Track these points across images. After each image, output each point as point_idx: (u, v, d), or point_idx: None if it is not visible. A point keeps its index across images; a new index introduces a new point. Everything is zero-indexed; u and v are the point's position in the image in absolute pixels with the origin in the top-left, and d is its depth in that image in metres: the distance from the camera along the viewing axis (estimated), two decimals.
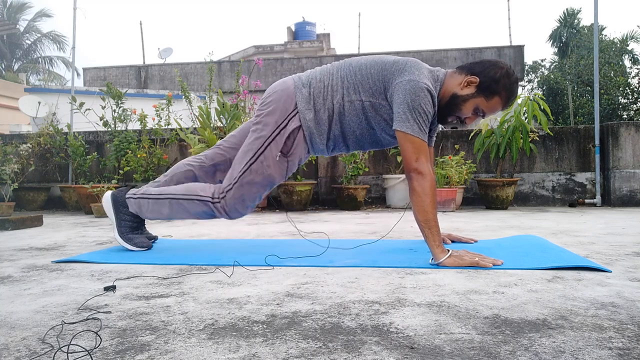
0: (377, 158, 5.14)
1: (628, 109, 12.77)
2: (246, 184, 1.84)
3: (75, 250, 2.14)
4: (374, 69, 1.76)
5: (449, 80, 1.76)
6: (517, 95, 1.78)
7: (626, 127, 4.83)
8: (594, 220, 3.33)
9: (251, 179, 1.84)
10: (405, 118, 1.66)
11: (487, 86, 1.71)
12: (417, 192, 1.65)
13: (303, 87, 1.83)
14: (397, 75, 1.71)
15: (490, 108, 1.75)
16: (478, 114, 1.77)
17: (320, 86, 1.82)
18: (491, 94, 1.72)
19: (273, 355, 0.85)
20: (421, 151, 1.66)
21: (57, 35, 22.92)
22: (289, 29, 18.49)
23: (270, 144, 1.82)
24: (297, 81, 1.86)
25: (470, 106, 1.74)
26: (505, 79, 1.71)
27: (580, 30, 18.81)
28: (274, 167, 1.83)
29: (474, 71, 1.73)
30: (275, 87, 1.89)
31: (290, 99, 1.82)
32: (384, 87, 1.74)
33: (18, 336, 0.97)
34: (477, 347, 0.88)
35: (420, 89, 1.66)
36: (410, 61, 1.75)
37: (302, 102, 1.81)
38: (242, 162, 1.85)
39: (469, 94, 1.73)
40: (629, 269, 1.57)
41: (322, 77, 1.84)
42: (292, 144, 1.83)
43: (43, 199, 5.28)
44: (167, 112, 5.17)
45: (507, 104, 1.76)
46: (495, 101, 1.73)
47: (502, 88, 1.71)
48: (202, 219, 2.01)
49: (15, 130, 9.13)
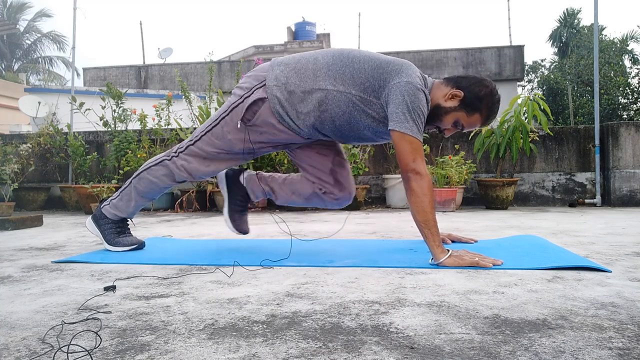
0: (377, 158, 5.14)
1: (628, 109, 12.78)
2: (206, 144, 1.89)
3: (75, 250, 2.14)
4: (368, 65, 1.74)
5: (435, 90, 1.78)
6: (495, 116, 1.82)
7: (626, 127, 4.83)
8: (594, 220, 3.33)
9: (210, 139, 1.89)
10: (404, 119, 1.65)
11: (470, 102, 1.73)
12: (415, 192, 1.64)
13: (277, 66, 1.82)
14: (394, 76, 1.70)
15: (469, 123, 1.78)
16: (457, 127, 1.79)
17: (298, 67, 1.79)
18: (473, 110, 1.74)
19: (273, 355, 0.85)
20: (418, 152, 1.67)
21: (57, 35, 22.94)
22: (289, 29, 18.49)
23: (232, 111, 1.84)
24: (273, 61, 1.87)
25: (451, 119, 1.76)
26: (489, 97, 1.74)
27: (580, 30, 18.82)
28: (234, 133, 1.85)
29: (460, 85, 1.75)
30: (256, 67, 1.92)
31: (262, 74, 1.83)
32: (379, 85, 1.72)
33: (18, 336, 0.97)
34: (477, 347, 0.88)
35: (418, 91, 1.67)
36: (405, 63, 1.76)
37: (271, 78, 1.79)
38: (205, 124, 1.93)
39: (451, 107, 1.75)
40: (629, 269, 1.57)
41: (303, 59, 1.82)
42: (254, 114, 1.81)
43: (43, 199, 5.28)
44: (167, 112, 5.17)
45: (486, 122, 1.80)
46: (475, 118, 1.76)
47: (484, 106, 1.74)
48: (167, 187, 2.03)
49: (15, 130, 9.13)
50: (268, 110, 1.79)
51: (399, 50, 11.89)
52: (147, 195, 2.04)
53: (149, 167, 2.00)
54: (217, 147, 1.89)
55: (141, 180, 2.00)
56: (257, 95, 1.79)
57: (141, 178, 2.00)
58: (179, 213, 4.52)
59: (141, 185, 2.01)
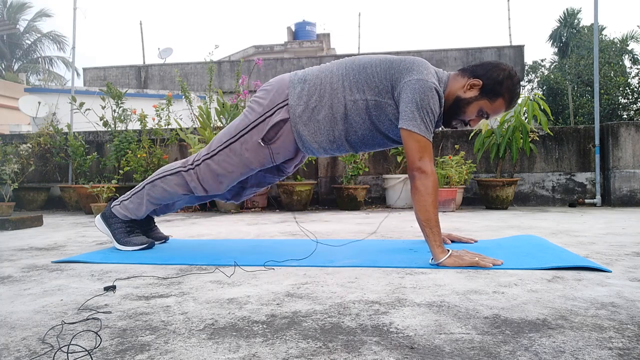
0: (377, 158, 5.14)
1: (628, 109, 12.79)
2: (222, 161, 1.87)
3: (75, 250, 2.14)
4: (380, 67, 1.74)
5: (452, 83, 1.76)
6: (519, 96, 1.78)
7: (626, 127, 4.83)
8: (594, 220, 3.33)
9: (227, 156, 1.87)
10: (413, 117, 1.64)
11: (490, 88, 1.71)
12: (419, 191, 1.64)
13: (298, 83, 1.81)
14: (405, 74, 1.69)
15: (494, 109, 1.75)
16: (482, 116, 1.77)
17: (317, 83, 1.79)
18: (495, 96, 1.72)
19: (273, 355, 0.85)
20: (426, 150, 1.66)
21: (57, 35, 22.93)
22: (289, 29, 18.49)
23: (252, 129, 1.82)
24: (292, 77, 1.86)
25: (475, 109, 1.75)
26: (508, 80, 1.71)
27: (580, 30, 18.82)
28: (252, 151, 1.83)
29: (476, 74, 1.73)
30: (272, 80, 1.91)
31: (283, 91, 1.82)
32: (392, 85, 1.71)
33: (18, 336, 0.97)
34: (477, 347, 0.88)
35: (429, 89, 1.65)
36: (417, 60, 1.74)
37: (294, 97, 1.79)
38: (223, 138, 1.89)
39: (472, 97, 1.73)
40: (629, 269, 1.57)
41: (320, 74, 1.81)
42: (275, 134, 1.81)
43: (43, 199, 5.28)
44: (167, 112, 5.17)
45: (510, 104, 1.76)
46: (499, 103, 1.74)
47: (505, 90, 1.71)
48: (181, 199, 2.04)
49: (15, 130, 9.14)
50: (289, 131, 1.81)
51: (399, 50, 11.89)
52: (158, 202, 2.04)
53: (163, 175, 1.98)
54: (233, 164, 1.87)
55: (154, 188, 1.99)
56: (280, 117, 1.79)
57: (154, 185, 1.99)
58: (179, 213, 4.52)
59: (154, 192, 2.00)
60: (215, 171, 1.89)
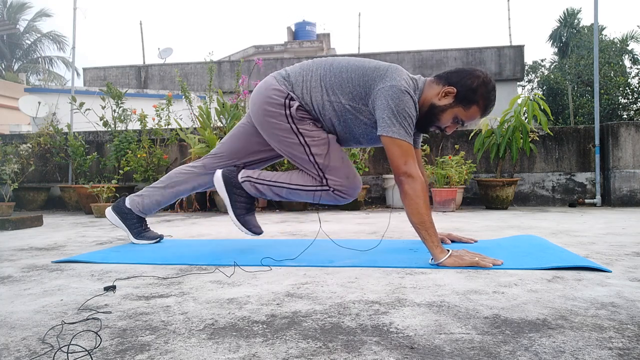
0: (377, 158, 5.14)
1: (628, 109, 12.79)
2: (331, 162, 1.85)
3: (75, 250, 2.14)
4: (355, 74, 1.77)
5: (428, 90, 1.77)
6: (494, 103, 1.78)
7: (626, 127, 4.83)
8: (594, 220, 3.33)
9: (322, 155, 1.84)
10: (391, 123, 1.67)
11: (464, 96, 1.72)
12: (409, 195, 1.65)
13: (284, 80, 1.86)
14: (378, 81, 1.72)
15: (468, 117, 1.76)
16: (457, 123, 1.79)
17: (299, 80, 1.85)
18: (469, 103, 1.73)
19: (273, 355, 0.85)
20: (409, 154, 1.67)
21: (57, 35, 22.92)
22: (289, 29, 18.49)
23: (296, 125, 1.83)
24: (277, 76, 1.90)
25: (449, 116, 1.76)
26: (482, 87, 1.72)
27: (580, 30, 18.82)
28: (316, 132, 1.85)
29: (451, 81, 1.74)
30: (259, 89, 1.91)
31: (277, 91, 1.85)
32: (365, 92, 1.75)
33: (18, 336, 0.97)
34: (477, 347, 0.88)
35: (403, 93, 1.67)
36: (391, 67, 1.76)
37: (288, 87, 1.85)
38: (304, 157, 1.86)
39: (447, 104, 1.74)
40: (629, 269, 1.57)
41: (302, 72, 1.86)
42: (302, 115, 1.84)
43: (43, 199, 5.28)
44: (167, 112, 5.17)
45: (485, 111, 1.77)
46: (474, 110, 1.75)
47: (479, 97, 1.72)
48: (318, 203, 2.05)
49: (15, 130, 9.13)
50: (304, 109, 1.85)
51: (399, 51, 11.88)
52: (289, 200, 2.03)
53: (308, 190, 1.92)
54: (331, 153, 1.85)
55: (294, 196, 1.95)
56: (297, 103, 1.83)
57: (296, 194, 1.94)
58: (179, 213, 4.52)
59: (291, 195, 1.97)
60: (338, 174, 1.86)
